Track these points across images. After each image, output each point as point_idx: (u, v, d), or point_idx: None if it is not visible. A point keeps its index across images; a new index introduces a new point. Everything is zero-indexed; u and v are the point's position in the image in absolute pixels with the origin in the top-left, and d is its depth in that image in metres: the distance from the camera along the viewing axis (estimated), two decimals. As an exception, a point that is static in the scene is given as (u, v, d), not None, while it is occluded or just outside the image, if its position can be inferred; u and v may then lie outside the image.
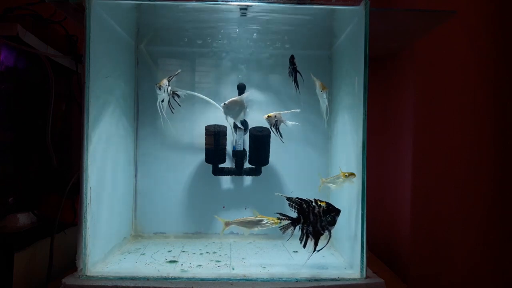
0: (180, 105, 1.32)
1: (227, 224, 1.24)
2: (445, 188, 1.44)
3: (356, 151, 1.17)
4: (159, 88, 1.26)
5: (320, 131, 1.63)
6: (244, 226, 1.22)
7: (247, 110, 1.34)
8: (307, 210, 1.10)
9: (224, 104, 1.30)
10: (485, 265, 1.41)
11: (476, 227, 1.42)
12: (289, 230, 1.11)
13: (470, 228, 1.42)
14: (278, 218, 1.13)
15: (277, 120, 1.29)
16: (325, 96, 1.31)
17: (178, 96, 1.30)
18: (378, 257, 1.54)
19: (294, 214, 1.12)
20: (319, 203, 1.10)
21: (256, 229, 1.21)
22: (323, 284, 1.08)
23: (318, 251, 1.09)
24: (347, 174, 1.18)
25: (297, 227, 1.11)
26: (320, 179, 1.29)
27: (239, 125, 1.35)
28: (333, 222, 1.10)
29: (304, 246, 1.10)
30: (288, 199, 1.11)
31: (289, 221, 1.11)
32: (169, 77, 1.29)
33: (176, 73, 1.31)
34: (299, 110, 1.29)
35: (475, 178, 1.42)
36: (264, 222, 1.19)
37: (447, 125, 1.45)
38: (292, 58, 1.29)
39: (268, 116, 1.30)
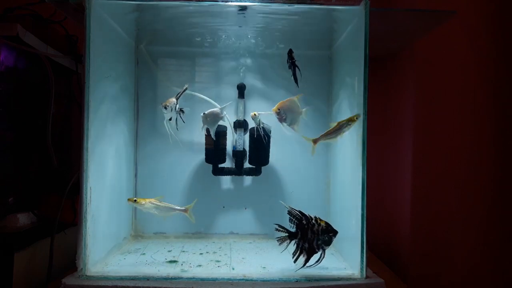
0: (184, 122, 1.31)
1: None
2: (445, 188, 1.44)
3: (356, 151, 1.17)
4: (165, 108, 1.25)
5: (320, 131, 1.62)
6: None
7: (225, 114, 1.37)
8: (306, 226, 1.11)
9: (204, 114, 1.31)
10: (485, 265, 1.41)
11: (476, 227, 1.42)
12: (285, 243, 1.12)
13: (470, 228, 1.42)
14: (276, 229, 1.13)
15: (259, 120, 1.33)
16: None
17: (183, 112, 1.30)
18: (378, 257, 1.54)
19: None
20: (319, 221, 1.11)
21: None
22: (323, 284, 1.08)
23: (308, 267, 1.11)
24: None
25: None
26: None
27: (213, 136, 1.38)
28: (329, 242, 1.11)
29: (295, 261, 1.12)
30: (290, 212, 1.13)
31: (287, 234, 1.12)
32: (177, 95, 1.29)
33: (184, 89, 1.30)
34: (270, 112, 1.30)
35: (475, 178, 1.42)
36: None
37: (447, 125, 1.45)
38: (290, 52, 1.28)
39: (254, 114, 1.33)
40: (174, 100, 1.27)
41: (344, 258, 1.32)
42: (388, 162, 1.69)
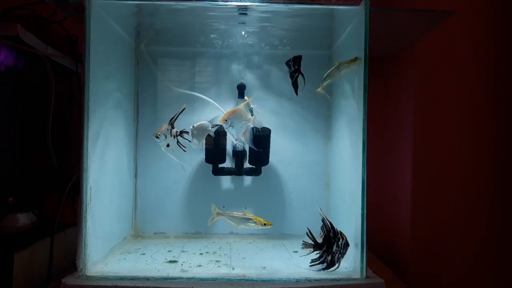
0: (190, 141, 1.29)
1: (218, 214, 1.29)
2: (445, 188, 1.44)
3: (356, 151, 1.17)
4: (157, 137, 1.22)
5: (320, 131, 1.63)
6: (232, 221, 1.27)
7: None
8: (332, 240, 1.14)
9: (193, 127, 1.30)
10: (485, 265, 1.41)
11: (476, 227, 1.42)
12: (308, 250, 1.16)
13: (470, 228, 1.42)
14: (307, 233, 1.16)
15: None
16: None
17: (187, 132, 1.27)
18: (378, 257, 1.54)
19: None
20: (342, 236, 1.14)
21: (242, 227, 1.26)
22: (323, 284, 1.08)
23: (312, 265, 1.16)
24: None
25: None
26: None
27: (200, 148, 1.36)
28: (344, 255, 1.15)
29: (311, 266, 1.16)
30: (323, 220, 1.15)
31: (313, 244, 1.15)
32: (171, 120, 1.26)
33: (181, 110, 1.27)
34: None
35: (475, 178, 1.42)
36: (251, 222, 1.24)
37: (447, 125, 1.45)
38: (299, 58, 1.27)
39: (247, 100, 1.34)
40: (166, 126, 1.24)
41: (344, 258, 1.32)
42: (388, 162, 1.69)
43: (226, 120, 1.22)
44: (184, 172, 1.58)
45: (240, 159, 1.53)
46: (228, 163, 1.57)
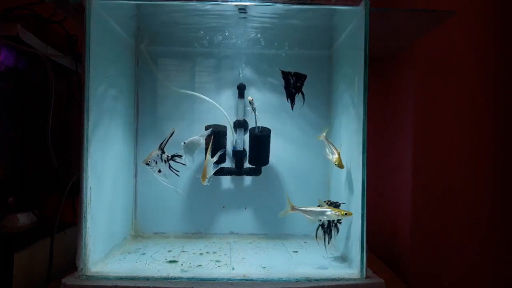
0: (185, 164, 1.27)
1: (293, 208, 1.26)
2: (445, 188, 1.44)
3: (356, 151, 1.17)
4: (147, 164, 1.21)
5: (320, 131, 1.63)
6: (309, 215, 1.24)
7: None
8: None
9: (184, 143, 1.29)
10: (485, 265, 1.41)
11: (476, 227, 1.42)
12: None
13: (471, 228, 1.42)
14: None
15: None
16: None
17: (179, 156, 1.26)
18: (378, 257, 1.54)
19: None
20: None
21: (321, 218, 1.24)
22: (323, 284, 1.08)
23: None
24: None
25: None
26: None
27: (193, 160, 1.35)
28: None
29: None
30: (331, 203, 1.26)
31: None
32: (161, 144, 1.24)
33: (171, 133, 1.26)
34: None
35: (475, 178, 1.42)
36: (329, 213, 1.21)
37: (447, 125, 1.45)
38: (304, 77, 1.28)
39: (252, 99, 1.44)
40: (156, 152, 1.23)
41: (344, 258, 1.32)
42: (388, 162, 1.69)
43: (208, 182, 1.30)
44: (179, 194, 1.59)
45: (240, 159, 1.53)
46: (228, 163, 1.57)
